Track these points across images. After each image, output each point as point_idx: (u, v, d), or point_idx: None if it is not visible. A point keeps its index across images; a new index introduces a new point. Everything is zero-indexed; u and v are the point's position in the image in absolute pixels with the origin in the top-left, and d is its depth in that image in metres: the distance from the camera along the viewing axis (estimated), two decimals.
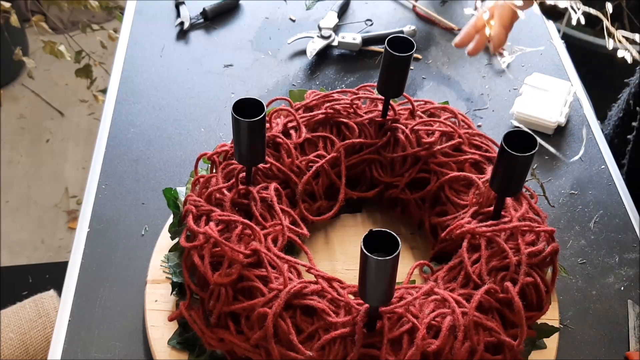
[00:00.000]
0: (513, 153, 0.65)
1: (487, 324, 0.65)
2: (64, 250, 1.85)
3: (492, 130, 0.99)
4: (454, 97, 1.06)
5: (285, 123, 0.82)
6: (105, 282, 0.80)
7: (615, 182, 0.94)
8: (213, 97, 1.04)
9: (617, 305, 0.81)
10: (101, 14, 2.25)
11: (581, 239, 0.87)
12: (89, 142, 2.11)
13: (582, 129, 1.01)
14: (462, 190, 0.79)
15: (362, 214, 0.87)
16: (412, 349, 0.62)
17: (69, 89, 2.27)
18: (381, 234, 0.57)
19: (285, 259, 0.69)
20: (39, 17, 1.79)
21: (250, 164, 0.73)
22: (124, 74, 1.06)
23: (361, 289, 0.60)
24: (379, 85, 0.80)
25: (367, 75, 1.09)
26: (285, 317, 0.64)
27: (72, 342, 0.75)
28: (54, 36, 1.94)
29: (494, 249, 0.70)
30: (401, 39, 0.76)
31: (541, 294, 0.69)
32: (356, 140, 0.82)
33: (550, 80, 1.03)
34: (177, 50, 1.12)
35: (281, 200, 0.76)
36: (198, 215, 0.71)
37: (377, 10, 1.20)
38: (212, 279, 0.66)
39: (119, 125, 0.98)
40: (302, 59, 1.11)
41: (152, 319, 0.74)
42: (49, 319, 1.21)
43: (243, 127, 0.67)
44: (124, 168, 0.93)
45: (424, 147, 0.81)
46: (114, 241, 0.84)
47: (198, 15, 1.16)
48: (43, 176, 2.05)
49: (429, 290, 0.67)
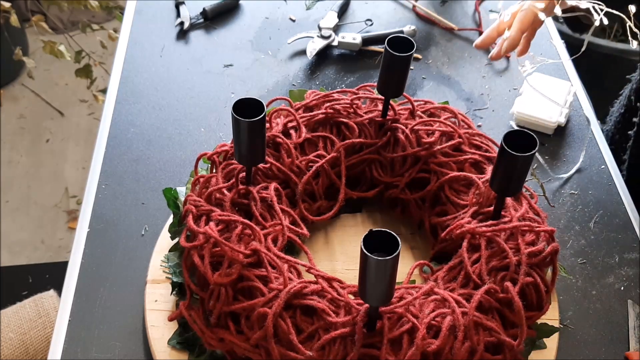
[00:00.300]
0: (513, 153, 0.65)
1: (487, 324, 0.65)
2: (64, 250, 1.85)
3: (492, 130, 0.99)
4: (454, 97, 1.06)
5: (285, 123, 0.82)
6: (105, 282, 0.80)
7: (615, 182, 0.94)
8: (213, 97, 1.04)
9: (617, 305, 0.81)
10: (101, 14, 2.26)
11: (581, 239, 0.87)
12: (89, 142, 2.11)
13: (582, 129, 1.01)
14: (462, 190, 0.79)
15: (362, 214, 0.87)
16: (412, 349, 0.62)
17: (69, 89, 2.27)
18: (381, 234, 0.57)
19: (285, 259, 0.69)
20: (39, 17, 1.79)
21: (250, 164, 0.73)
22: (124, 74, 1.06)
23: (361, 289, 0.60)
24: (379, 85, 0.80)
25: (367, 75, 1.09)
26: (285, 317, 0.64)
27: (72, 342, 0.75)
28: (54, 36, 1.94)
29: (494, 249, 0.70)
30: (401, 39, 0.76)
31: (541, 294, 0.69)
32: (356, 140, 0.82)
33: (550, 80, 1.03)
34: (177, 50, 1.12)
35: (281, 200, 0.76)
36: (198, 215, 0.71)
37: (377, 10, 1.20)
38: (212, 279, 0.66)
39: (119, 125, 0.98)
40: (302, 59, 1.11)
41: (152, 319, 0.74)
42: (49, 319, 1.21)
43: (243, 127, 0.67)
44: (124, 168, 0.93)
45: (424, 147, 0.81)
46: (114, 241, 0.84)
47: (198, 15, 1.16)
48: (43, 176, 2.05)
49: (429, 290, 0.67)
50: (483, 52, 1.13)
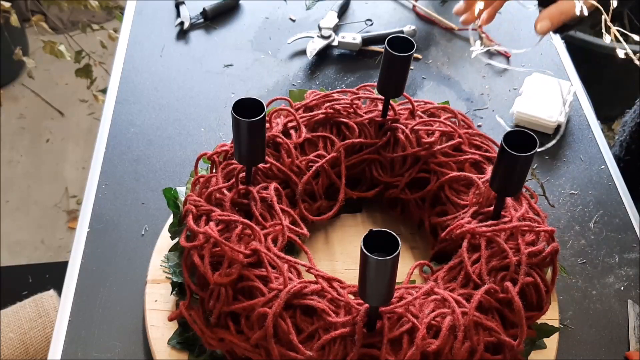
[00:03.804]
0: (513, 153, 0.65)
1: (487, 324, 0.65)
2: (64, 250, 1.85)
3: (492, 130, 0.99)
4: (454, 97, 1.06)
5: (285, 123, 0.82)
6: (105, 282, 0.80)
7: (615, 182, 0.94)
8: (213, 97, 1.04)
9: (617, 305, 0.81)
10: (101, 14, 2.26)
11: (581, 239, 0.87)
12: (89, 142, 2.11)
13: (582, 129, 1.01)
14: (462, 190, 0.79)
15: (362, 214, 0.87)
16: (412, 349, 0.62)
17: (69, 89, 2.27)
18: (381, 234, 0.57)
19: (285, 258, 0.69)
20: (39, 17, 1.79)
21: (250, 164, 0.73)
22: (124, 74, 1.06)
23: (361, 289, 0.60)
24: (379, 85, 0.80)
25: (367, 75, 1.09)
26: (285, 317, 0.64)
27: (72, 342, 0.75)
28: (54, 36, 1.94)
29: (494, 249, 0.70)
30: (401, 39, 0.76)
31: (541, 294, 0.69)
32: (356, 140, 0.82)
33: (550, 80, 1.03)
34: (177, 50, 1.12)
35: (281, 200, 0.76)
36: (198, 215, 0.71)
37: (377, 10, 1.20)
38: (212, 278, 0.66)
39: (119, 125, 0.98)
40: (302, 59, 1.11)
41: (152, 318, 0.74)
42: (49, 319, 1.21)
43: (243, 127, 0.67)
44: (124, 168, 0.93)
45: (424, 147, 0.81)
46: (114, 241, 0.84)
47: (198, 15, 1.16)
48: (43, 176, 2.05)
49: (429, 290, 0.67)
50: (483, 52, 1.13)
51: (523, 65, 1.10)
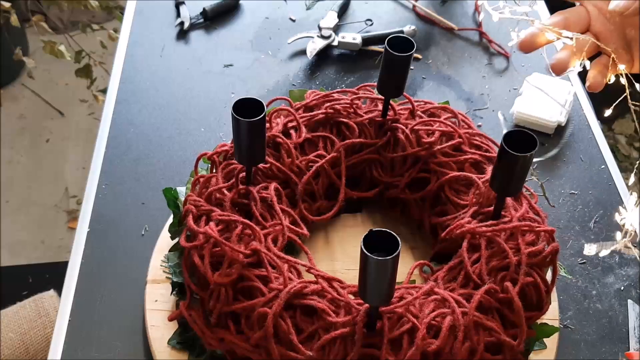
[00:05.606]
0: (513, 153, 0.65)
1: (487, 324, 0.65)
2: (64, 250, 1.85)
3: (492, 130, 0.99)
4: (454, 97, 1.06)
5: (285, 123, 0.82)
6: (105, 282, 0.80)
7: (615, 182, 0.94)
8: (213, 97, 1.04)
9: (617, 305, 0.81)
10: (101, 14, 2.25)
11: (581, 239, 0.87)
12: (89, 142, 2.11)
13: (582, 129, 1.01)
14: (462, 190, 0.79)
15: (362, 214, 0.87)
16: (412, 349, 0.62)
17: (69, 89, 2.27)
18: (381, 234, 0.57)
19: (285, 258, 0.69)
20: (39, 17, 1.79)
21: (250, 164, 0.73)
22: (124, 74, 1.06)
23: (361, 289, 0.60)
24: (379, 85, 0.80)
25: (367, 75, 1.09)
26: (285, 317, 0.64)
27: (72, 342, 0.75)
28: (54, 36, 1.94)
29: (494, 249, 0.70)
30: (401, 39, 0.76)
31: (541, 294, 0.69)
32: (356, 140, 0.82)
33: (550, 80, 1.03)
34: (177, 50, 1.12)
35: (281, 200, 0.76)
36: (198, 215, 0.71)
37: (377, 10, 1.20)
38: (212, 279, 0.66)
39: (119, 125, 0.98)
40: (302, 59, 1.11)
41: (152, 319, 0.74)
42: (49, 319, 1.21)
43: (243, 127, 0.67)
44: (124, 168, 0.93)
45: (424, 147, 0.81)
46: (114, 241, 0.84)
47: (198, 15, 1.16)
48: (43, 176, 2.05)
49: (429, 290, 0.67)
50: (483, 52, 1.13)
51: (523, 65, 1.10)
